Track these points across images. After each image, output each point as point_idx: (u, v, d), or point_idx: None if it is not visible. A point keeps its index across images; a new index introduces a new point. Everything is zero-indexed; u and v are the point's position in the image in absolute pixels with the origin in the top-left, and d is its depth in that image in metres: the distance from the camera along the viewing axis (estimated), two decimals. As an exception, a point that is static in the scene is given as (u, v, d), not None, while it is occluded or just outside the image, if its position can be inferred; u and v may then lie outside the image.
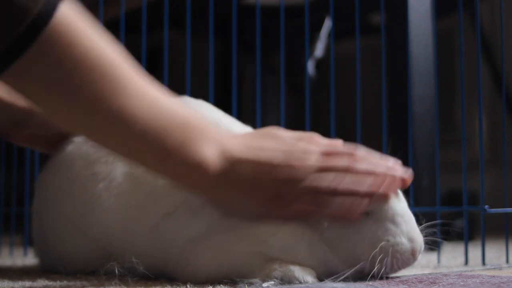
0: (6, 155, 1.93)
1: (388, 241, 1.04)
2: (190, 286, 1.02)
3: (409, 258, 1.05)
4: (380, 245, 1.04)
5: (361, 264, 1.03)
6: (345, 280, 1.03)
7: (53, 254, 1.28)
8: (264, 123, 1.39)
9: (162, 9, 1.58)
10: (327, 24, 2.57)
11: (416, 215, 1.10)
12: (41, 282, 1.10)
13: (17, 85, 0.95)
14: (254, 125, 1.33)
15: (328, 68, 1.61)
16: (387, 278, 1.08)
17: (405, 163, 1.42)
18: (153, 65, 1.79)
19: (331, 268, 1.05)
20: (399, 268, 1.06)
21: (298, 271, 1.02)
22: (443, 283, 1.01)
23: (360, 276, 1.04)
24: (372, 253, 1.03)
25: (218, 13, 1.64)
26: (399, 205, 1.07)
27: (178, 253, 1.10)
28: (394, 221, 1.05)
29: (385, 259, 1.03)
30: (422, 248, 1.08)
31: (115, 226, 1.16)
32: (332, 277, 1.03)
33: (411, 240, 1.05)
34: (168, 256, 1.12)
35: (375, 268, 1.03)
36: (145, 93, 0.99)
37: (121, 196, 1.17)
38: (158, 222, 1.13)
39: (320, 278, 1.03)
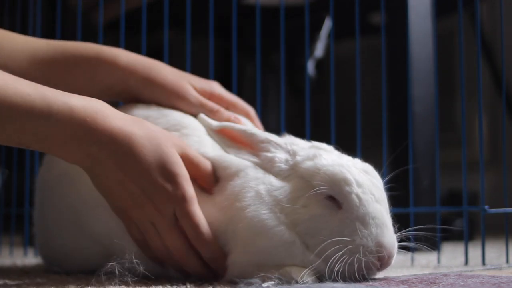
0: (6, 156, 1.93)
1: (354, 240, 1.02)
2: (190, 286, 1.02)
3: (374, 263, 1.02)
4: (345, 244, 1.01)
5: (331, 260, 1.00)
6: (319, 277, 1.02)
7: (54, 250, 1.28)
8: (264, 123, 1.39)
9: (162, 9, 1.58)
10: (327, 24, 2.57)
11: (393, 218, 1.08)
12: (41, 282, 1.10)
13: None
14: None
15: (328, 68, 1.61)
16: (386, 278, 1.08)
17: (405, 163, 1.42)
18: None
19: (310, 264, 1.03)
20: (363, 272, 1.02)
21: (294, 272, 1.01)
22: (443, 283, 1.01)
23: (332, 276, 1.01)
24: (330, 250, 1.01)
25: (218, 13, 1.64)
26: (373, 206, 1.04)
27: None
28: (364, 222, 1.03)
29: (349, 259, 1.00)
30: (392, 256, 1.04)
31: (115, 223, 1.16)
32: (305, 270, 1.01)
33: (378, 245, 1.02)
34: None
35: (337, 267, 1.00)
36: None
37: None
38: None
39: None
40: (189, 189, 1.09)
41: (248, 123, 1.31)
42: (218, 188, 1.13)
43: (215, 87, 1.33)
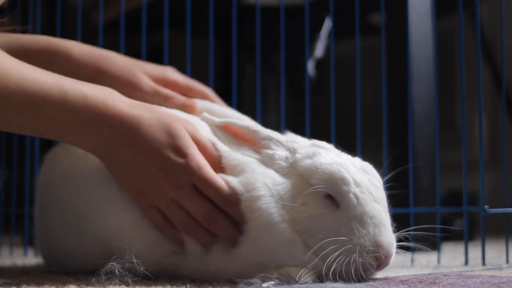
0: (6, 155, 1.93)
1: (351, 240, 1.01)
2: (190, 286, 1.02)
3: (371, 264, 1.01)
4: (342, 243, 1.01)
5: (329, 259, 1.00)
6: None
7: (55, 250, 1.28)
8: (264, 123, 1.39)
9: (162, 9, 1.58)
10: (327, 24, 2.57)
11: (393, 218, 1.08)
12: (41, 282, 1.10)
13: None
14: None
15: (328, 68, 1.61)
16: (386, 278, 1.08)
17: (405, 163, 1.42)
18: (153, 65, 1.78)
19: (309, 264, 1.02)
20: (360, 272, 1.01)
21: (294, 272, 1.01)
22: (443, 283, 1.01)
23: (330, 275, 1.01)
24: (328, 249, 1.01)
25: (218, 13, 1.64)
26: (371, 205, 1.04)
27: None
28: (361, 221, 1.02)
29: (346, 258, 1.00)
30: (390, 255, 1.03)
31: (117, 223, 1.16)
32: (302, 270, 1.01)
33: (376, 245, 1.01)
34: None
35: (334, 267, 1.00)
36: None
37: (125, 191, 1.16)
38: None
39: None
40: (201, 157, 1.11)
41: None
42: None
43: (169, 73, 1.35)
